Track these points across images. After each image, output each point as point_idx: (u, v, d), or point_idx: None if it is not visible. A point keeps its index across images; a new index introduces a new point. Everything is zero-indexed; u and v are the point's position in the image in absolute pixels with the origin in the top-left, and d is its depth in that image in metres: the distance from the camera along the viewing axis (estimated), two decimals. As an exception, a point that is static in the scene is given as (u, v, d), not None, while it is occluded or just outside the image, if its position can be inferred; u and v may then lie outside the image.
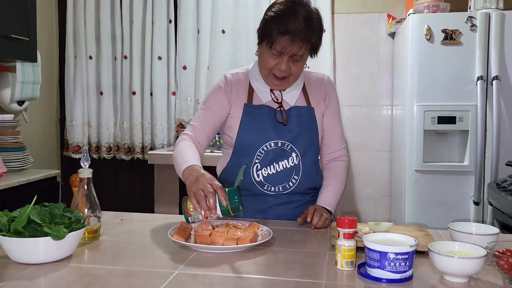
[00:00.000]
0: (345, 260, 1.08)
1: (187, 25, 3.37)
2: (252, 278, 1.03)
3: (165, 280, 1.01)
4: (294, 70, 1.49)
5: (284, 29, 1.41)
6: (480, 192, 2.61)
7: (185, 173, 1.37)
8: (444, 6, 2.77)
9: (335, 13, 3.32)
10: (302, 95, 1.62)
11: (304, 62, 1.51)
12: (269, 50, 1.46)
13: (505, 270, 0.98)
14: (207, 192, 1.24)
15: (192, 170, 1.36)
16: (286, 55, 1.45)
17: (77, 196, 1.28)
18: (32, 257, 1.08)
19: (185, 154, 1.46)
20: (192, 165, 1.38)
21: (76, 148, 3.51)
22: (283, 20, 1.42)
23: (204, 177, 1.30)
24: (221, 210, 1.26)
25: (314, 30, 1.45)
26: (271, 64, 1.48)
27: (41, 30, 3.12)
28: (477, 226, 1.24)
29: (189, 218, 1.30)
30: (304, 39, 1.43)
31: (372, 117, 3.36)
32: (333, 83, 1.69)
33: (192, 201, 1.26)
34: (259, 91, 1.60)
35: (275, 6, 1.47)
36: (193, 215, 1.29)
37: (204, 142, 1.60)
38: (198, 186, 1.26)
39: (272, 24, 1.44)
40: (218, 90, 1.61)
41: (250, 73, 1.63)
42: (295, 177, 1.58)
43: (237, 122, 1.58)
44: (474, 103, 2.60)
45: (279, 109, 1.58)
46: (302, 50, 1.45)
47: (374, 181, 3.37)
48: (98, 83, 3.52)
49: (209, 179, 1.29)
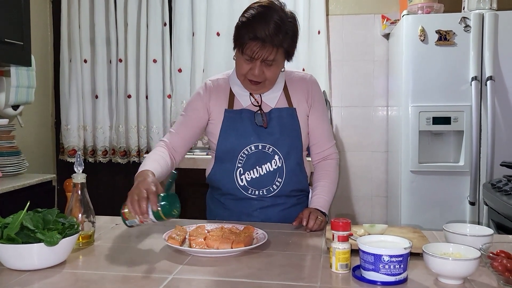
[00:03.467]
0: (340, 263, 1.08)
1: (182, 28, 3.37)
2: (247, 282, 1.03)
3: (159, 285, 1.00)
4: (268, 75, 1.49)
5: (253, 35, 1.41)
6: (476, 193, 2.62)
7: (135, 178, 1.37)
8: (438, 7, 2.78)
9: (330, 14, 3.33)
10: (283, 96, 1.61)
11: (278, 66, 1.50)
12: (241, 55, 1.47)
13: (500, 272, 0.98)
14: (140, 197, 1.23)
15: (139, 175, 1.36)
16: (258, 60, 1.44)
17: (71, 201, 1.27)
18: (26, 264, 1.08)
19: (147, 160, 1.49)
20: (144, 170, 1.39)
21: (72, 152, 3.50)
22: (253, 25, 1.42)
23: (143, 182, 1.28)
24: (153, 215, 1.24)
25: (286, 35, 1.44)
26: (245, 69, 1.48)
27: (35, 34, 3.12)
28: (472, 227, 1.25)
29: (126, 222, 1.30)
30: (275, 45, 1.42)
31: (367, 118, 3.36)
32: (316, 82, 1.67)
33: (128, 205, 1.26)
34: (239, 95, 1.60)
35: (248, 11, 1.47)
36: (129, 218, 1.28)
37: (181, 148, 1.61)
38: (134, 191, 1.26)
39: (243, 30, 1.44)
40: (196, 98, 1.63)
41: (231, 78, 1.63)
42: (278, 180, 1.57)
43: (218, 127, 1.58)
44: (469, 104, 2.61)
45: (258, 112, 1.57)
46: (272, 54, 1.44)
47: (370, 182, 3.38)
48: (93, 86, 3.51)
49: (147, 183, 1.27)
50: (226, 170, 1.58)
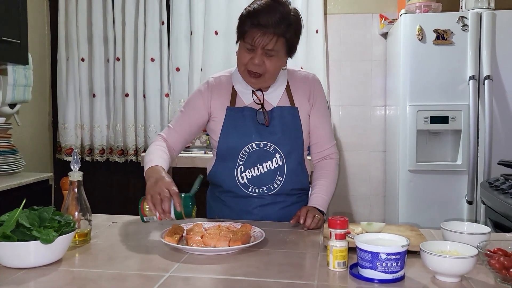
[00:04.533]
0: (337, 261, 1.07)
1: (179, 27, 3.36)
2: (244, 280, 1.03)
3: (156, 283, 1.00)
4: (269, 66, 1.49)
5: (256, 22, 1.43)
6: (473, 191, 2.62)
7: (147, 173, 1.41)
8: (435, 6, 2.78)
9: (328, 13, 3.33)
10: (286, 94, 1.61)
11: (279, 59, 1.50)
12: (243, 44, 1.48)
13: (497, 269, 0.98)
14: (163, 197, 1.29)
15: (153, 171, 1.40)
16: (259, 48, 1.45)
17: (67, 199, 1.27)
18: (22, 261, 1.07)
19: (151, 154, 1.50)
20: (155, 165, 1.42)
21: (69, 151, 3.49)
22: (257, 14, 1.44)
23: (163, 181, 1.33)
24: (174, 214, 1.30)
25: (289, 26, 1.46)
26: (246, 58, 1.48)
27: (32, 33, 3.11)
28: (469, 225, 1.25)
29: (144, 218, 1.35)
30: (276, 33, 1.43)
31: (365, 118, 3.36)
32: (318, 81, 1.67)
33: (149, 203, 1.31)
34: (241, 93, 1.60)
35: (253, 4, 1.49)
36: (148, 215, 1.34)
37: (178, 145, 1.63)
38: (155, 190, 1.31)
39: (247, 18, 1.46)
40: (197, 96, 1.63)
41: (233, 75, 1.63)
42: (279, 178, 1.57)
43: (219, 125, 1.58)
44: (466, 103, 2.61)
45: (260, 110, 1.57)
46: (272, 42, 1.44)
47: (368, 181, 3.38)
48: (90, 85, 3.50)
49: (167, 183, 1.32)
50: (227, 167, 1.58)
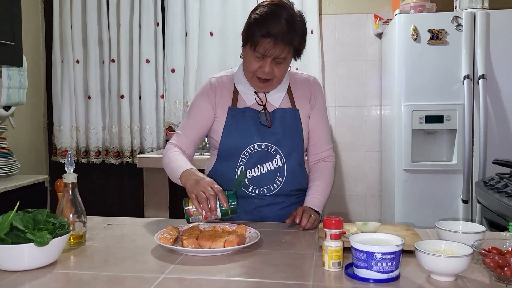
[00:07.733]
0: (332, 261, 1.07)
1: (174, 28, 3.36)
2: (240, 281, 1.03)
3: (151, 285, 0.99)
4: (277, 73, 1.50)
5: (266, 32, 1.42)
6: (469, 191, 2.63)
7: (183, 177, 1.43)
8: (430, 6, 2.79)
9: (323, 14, 3.33)
10: (287, 96, 1.62)
11: (287, 64, 1.52)
12: (252, 52, 1.47)
13: (492, 268, 0.98)
14: (209, 195, 1.31)
15: (190, 173, 1.42)
16: (269, 57, 1.46)
17: (61, 201, 1.26)
18: (16, 264, 1.07)
19: (178, 161, 1.51)
20: (188, 169, 1.45)
21: (65, 153, 3.48)
22: (266, 23, 1.43)
23: (204, 180, 1.36)
24: (221, 212, 1.32)
25: (296, 33, 1.46)
26: (255, 66, 1.49)
27: (27, 35, 3.09)
28: (464, 224, 1.25)
29: (190, 218, 1.36)
30: (287, 42, 1.44)
31: (361, 118, 3.37)
32: (319, 84, 1.69)
33: (194, 202, 1.33)
34: (243, 93, 1.60)
35: (259, 9, 1.48)
36: (194, 215, 1.35)
37: (190, 150, 1.63)
38: (199, 189, 1.33)
39: (255, 27, 1.45)
40: (201, 97, 1.62)
41: (235, 76, 1.63)
42: (279, 179, 1.58)
43: (221, 125, 1.58)
44: (461, 102, 2.62)
45: (263, 112, 1.58)
46: (284, 52, 1.46)
47: (364, 181, 3.38)
48: (85, 87, 3.49)
49: (210, 182, 1.36)
50: (228, 168, 1.59)
